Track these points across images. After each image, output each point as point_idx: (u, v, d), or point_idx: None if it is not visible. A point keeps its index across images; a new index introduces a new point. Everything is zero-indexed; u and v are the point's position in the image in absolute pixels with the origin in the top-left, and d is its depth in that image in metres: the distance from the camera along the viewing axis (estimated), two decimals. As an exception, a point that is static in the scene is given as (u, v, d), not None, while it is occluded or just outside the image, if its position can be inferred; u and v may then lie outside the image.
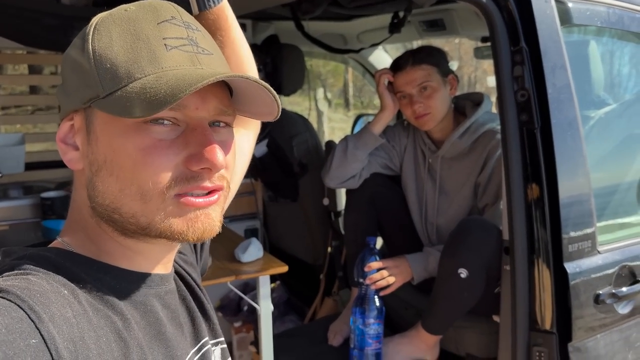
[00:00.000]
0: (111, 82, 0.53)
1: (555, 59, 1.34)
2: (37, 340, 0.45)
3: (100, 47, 0.55)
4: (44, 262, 0.54)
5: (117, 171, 0.54)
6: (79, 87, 0.56)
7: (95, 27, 0.57)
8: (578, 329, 1.36)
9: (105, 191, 0.55)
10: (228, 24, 0.79)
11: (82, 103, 0.56)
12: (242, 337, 2.24)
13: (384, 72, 1.73)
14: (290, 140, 2.28)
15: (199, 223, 0.56)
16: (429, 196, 1.80)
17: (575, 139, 1.36)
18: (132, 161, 0.53)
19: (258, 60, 2.32)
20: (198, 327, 0.69)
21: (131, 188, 0.54)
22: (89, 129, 0.57)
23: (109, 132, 0.55)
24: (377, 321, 1.64)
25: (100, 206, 0.56)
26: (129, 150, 0.53)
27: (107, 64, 0.54)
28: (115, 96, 0.53)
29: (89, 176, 0.57)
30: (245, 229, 2.49)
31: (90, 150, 0.56)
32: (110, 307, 0.55)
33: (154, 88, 0.51)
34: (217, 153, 0.55)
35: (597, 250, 1.40)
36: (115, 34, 0.55)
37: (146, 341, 0.58)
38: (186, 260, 0.76)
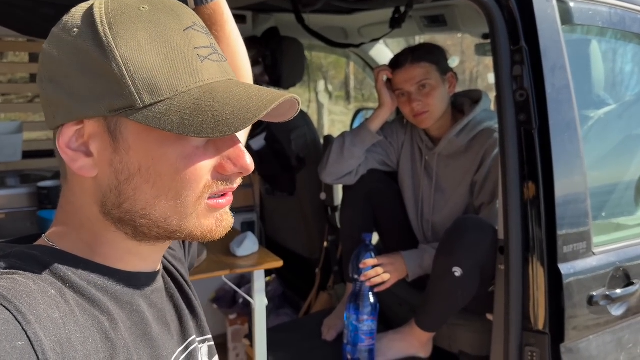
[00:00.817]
0: (150, 93, 0.52)
1: (555, 59, 1.34)
2: (23, 343, 0.44)
3: (130, 54, 0.52)
4: (31, 260, 0.53)
5: (155, 178, 0.55)
6: (101, 94, 0.52)
7: (111, 26, 0.52)
8: (571, 329, 1.36)
9: (137, 198, 0.55)
10: (224, 19, 0.79)
11: (109, 112, 0.53)
12: (236, 329, 2.25)
13: (383, 69, 1.73)
14: (288, 134, 2.27)
15: (224, 222, 0.60)
16: (425, 193, 1.80)
17: (573, 140, 1.36)
18: (175, 169, 0.54)
19: (257, 53, 2.31)
20: (185, 325, 0.69)
21: (168, 194, 0.55)
22: (116, 136, 0.54)
23: (145, 141, 0.54)
24: (370, 317, 1.64)
25: (126, 212, 0.56)
26: (171, 160, 0.54)
27: (142, 73, 0.52)
28: (160, 109, 0.52)
29: (111, 184, 0.56)
30: (242, 221, 2.49)
31: (118, 158, 0.55)
32: (97, 307, 0.55)
33: (213, 107, 0.52)
34: (246, 158, 0.58)
35: (592, 252, 1.40)
36: (143, 40, 0.53)
37: (132, 341, 0.57)
38: (175, 255, 0.76)
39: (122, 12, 0.53)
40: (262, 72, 2.32)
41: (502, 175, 1.36)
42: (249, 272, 1.65)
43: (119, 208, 0.56)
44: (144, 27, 0.53)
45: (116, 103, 0.52)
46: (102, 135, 0.55)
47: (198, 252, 1.63)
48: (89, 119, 0.54)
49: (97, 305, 0.55)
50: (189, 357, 0.68)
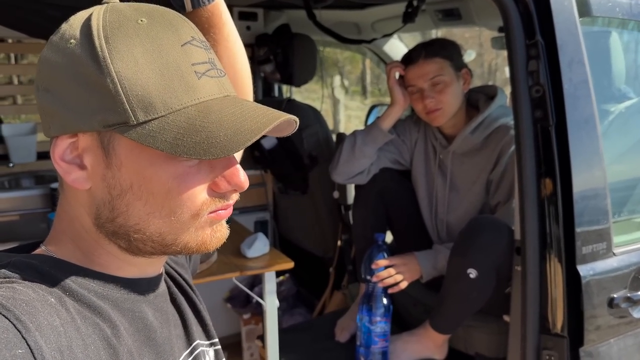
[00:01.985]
0: (144, 111, 0.51)
1: (572, 53, 1.29)
2: (23, 350, 0.44)
3: (125, 70, 0.51)
4: (29, 270, 0.53)
5: (147, 196, 0.54)
6: (96, 108, 0.52)
7: (107, 40, 0.51)
8: (590, 333, 1.32)
9: (130, 213, 0.55)
10: (222, 22, 0.77)
11: (102, 127, 0.52)
12: (250, 329, 2.24)
13: (395, 65, 1.68)
14: (300, 133, 2.25)
15: (218, 233, 0.59)
16: (439, 192, 1.76)
17: (592, 137, 1.31)
18: (166, 189, 0.54)
19: (269, 50, 2.29)
20: (190, 329, 0.69)
21: (162, 212, 0.55)
22: (108, 152, 0.54)
23: (137, 159, 0.53)
24: (384, 319, 1.61)
25: (120, 226, 0.56)
26: (162, 179, 0.54)
27: (137, 90, 0.51)
28: (153, 127, 0.51)
29: (104, 198, 0.55)
30: (255, 220, 2.48)
31: (110, 174, 0.54)
32: (98, 314, 0.55)
33: (207, 128, 0.51)
34: (242, 175, 0.57)
35: (612, 252, 1.36)
36: (139, 55, 0.51)
37: (136, 347, 0.57)
38: (177, 261, 0.75)
39: (119, 25, 0.52)
40: (274, 69, 2.30)
41: (518, 173, 1.32)
42: (259, 273, 1.63)
43: (113, 222, 0.56)
44: (141, 41, 0.52)
45: (110, 119, 0.51)
46: (96, 150, 0.54)
47: (207, 255, 1.62)
48: (83, 133, 0.54)
49: (98, 312, 0.55)
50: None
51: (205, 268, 1.57)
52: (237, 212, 2.42)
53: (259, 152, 2.35)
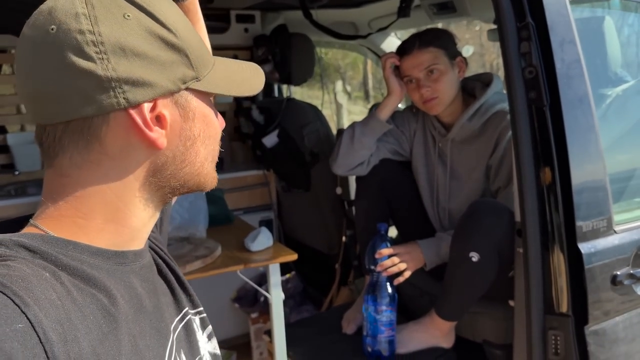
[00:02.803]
0: (204, 65, 0.61)
1: (563, 34, 1.30)
2: (23, 325, 0.45)
3: (181, 29, 0.59)
4: (20, 247, 0.53)
5: (207, 140, 0.64)
6: (176, 62, 0.58)
7: (159, 13, 0.57)
8: (595, 311, 1.32)
9: (195, 160, 0.63)
10: (196, 19, 0.84)
11: (181, 84, 0.59)
12: (259, 327, 2.24)
13: (390, 56, 1.70)
14: (301, 130, 2.27)
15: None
16: (440, 181, 1.77)
17: (587, 115, 1.32)
18: (215, 129, 0.65)
19: (267, 51, 2.31)
20: (178, 297, 0.71)
21: (213, 153, 0.66)
22: (185, 107, 0.60)
23: (202, 108, 0.63)
24: (389, 308, 1.62)
25: (185, 174, 0.63)
26: (213, 122, 0.64)
27: (196, 50, 0.60)
28: (210, 78, 0.62)
29: (176, 152, 0.61)
30: (259, 220, 2.50)
31: (186, 126, 0.61)
32: (94, 285, 0.55)
33: (235, 74, 0.66)
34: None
35: (613, 230, 1.36)
36: (179, 18, 0.60)
37: (132, 314, 0.58)
38: (156, 237, 0.77)
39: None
40: (273, 69, 2.32)
41: (515, 155, 1.32)
42: (263, 266, 1.64)
43: (179, 173, 0.62)
44: (169, 4, 0.60)
45: (187, 76, 0.59)
46: (172, 107, 0.59)
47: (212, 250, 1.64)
48: (161, 98, 0.58)
49: (93, 283, 0.55)
50: (186, 327, 0.69)
51: (209, 262, 1.59)
52: (242, 212, 2.43)
53: (260, 151, 2.37)
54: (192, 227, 1.80)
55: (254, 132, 2.37)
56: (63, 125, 0.56)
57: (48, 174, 0.60)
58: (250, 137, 2.41)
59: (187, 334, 0.68)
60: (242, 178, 2.46)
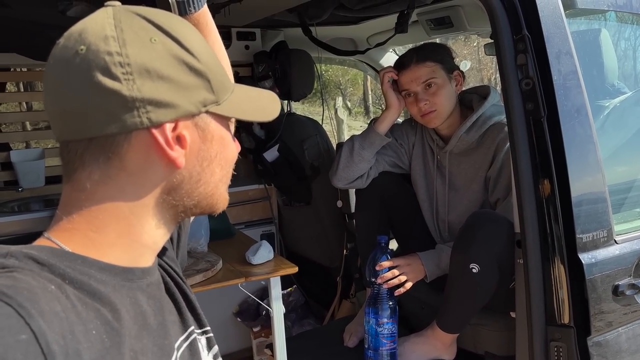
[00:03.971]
0: (224, 90, 0.63)
1: (559, 45, 1.31)
2: (27, 336, 0.45)
3: (204, 56, 0.61)
4: (28, 259, 0.54)
5: (224, 162, 0.66)
6: (198, 87, 0.60)
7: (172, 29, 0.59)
8: (597, 322, 1.31)
9: (208, 181, 0.64)
10: (208, 29, 0.83)
11: (203, 106, 0.61)
12: (261, 341, 2.24)
13: (388, 70, 1.72)
14: (301, 144, 2.28)
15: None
16: (439, 193, 1.78)
17: (585, 125, 1.33)
18: (231, 152, 0.67)
19: (267, 67, 2.34)
20: (184, 316, 0.70)
21: (228, 174, 0.68)
22: (204, 129, 0.62)
23: (220, 130, 0.64)
24: (390, 320, 1.62)
25: (199, 195, 0.64)
26: (230, 144, 0.67)
27: (217, 75, 0.62)
28: (231, 102, 0.64)
29: (193, 172, 0.63)
30: (261, 233, 2.50)
31: (205, 147, 0.63)
32: (99, 299, 0.55)
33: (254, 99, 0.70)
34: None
35: (614, 240, 1.36)
36: (201, 43, 0.63)
37: (135, 330, 0.58)
38: (168, 255, 0.77)
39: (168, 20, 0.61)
40: (273, 85, 2.34)
41: (513, 166, 1.33)
42: (265, 279, 1.64)
43: (194, 192, 0.64)
44: (190, 31, 0.63)
45: (207, 99, 0.61)
46: (192, 129, 0.61)
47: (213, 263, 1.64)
48: (182, 120, 0.60)
49: (99, 298, 0.55)
50: (191, 347, 0.69)
51: (210, 275, 1.59)
52: (243, 225, 2.44)
53: (261, 165, 2.38)
54: (193, 241, 1.81)
55: (255, 147, 2.39)
56: (86, 142, 0.58)
57: (66, 188, 0.61)
58: (251, 151, 2.43)
59: (191, 353, 0.68)
60: (243, 192, 2.47)
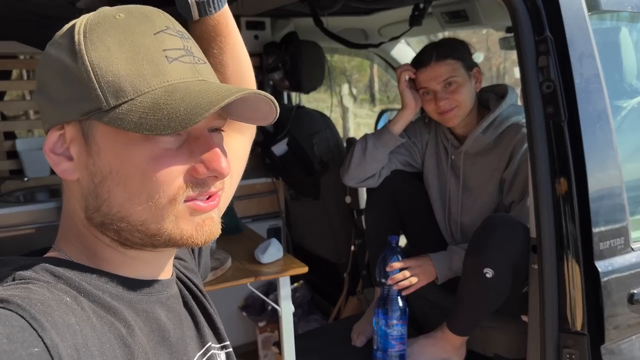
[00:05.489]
0: (115, 95, 0.53)
1: (582, 48, 1.28)
2: (39, 349, 0.44)
3: (98, 58, 0.53)
4: (44, 271, 0.54)
5: (125, 181, 0.55)
6: (73, 98, 0.54)
7: (85, 34, 0.54)
8: (611, 330, 1.30)
9: (112, 201, 0.56)
10: (228, 30, 0.79)
11: (80, 115, 0.54)
12: (266, 336, 2.23)
13: (405, 68, 1.68)
14: (310, 138, 2.25)
15: (205, 227, 0.59)
16: (452, 193, 1.75)
17: (605, 131, 1.30)
18: (141, 171, 0.54)
19: (277, 58, 2.30)
20: (202, 331, 0.69)
21: (140, 197, 0.55)
22: (88, 140, 0.56)
23: (113, 143, 0.55)
24: (400, 322, 1.60)
25: (105, 215, 0.56)
26: (137, 161, 0.54)
27: (108, 76, 0.53)
28: (123, 110, 0.53)
29: (89, 187, 0.56)
30: (268, 228, 2.49)
31: (91, 161, 0.56)
32: (113, 314, 0.55)
33: (170, 105, 0.52)
34: (222, 160, 0.57)
35: (630, 248, 1.34)
36: (112, 45, 0.54)
37: (150, 347, 0.58)
38: (186, 266, 0.76)
39: (98, 22, 0.55)
40: (282, 77, 2.31)
41: (531, 170, 1.30)
42: (274, 279, 1.63)
43: (98, 211, 0.57)
44: (115, 33, 0.55)
45: (86, 106, 0.54)
46: (79, 139, 0.56)
47: (221, 262, 1.63)
48: (67, 124, 0.56)
49: (113, 312, 0.55)
50: None
51: (220, 274, 1.57)
52: (250, 219, 2.42)
53: (269, 159, 2.36)
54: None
55: (263, 140, 2.36)
56: None
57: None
58: (259, 145, 2.40)
59: None
60: (250, 186, 2.45)
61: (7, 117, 2.43)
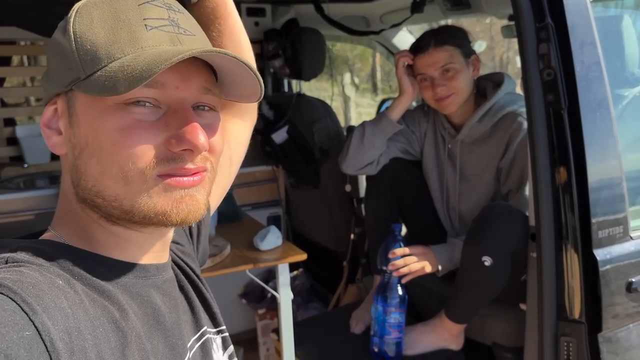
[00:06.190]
0: (91, 63, 0.53)
1: (583, 35, 1.27)
2: (31, 332, 0.44)
3: (81, 29, 0.54)
4: (37, 254, 0.53)
5: (98, 153, 0.54)
6: (61, 71, 0.56)
7: (78, 10, 0.56)
8: (609, 318, 1.30)
9: (87, 174, 0.55)
10: (227, 12, 0.79)
11: (64, 86, 0.56)
12: (266, 323, 2.24)
13: (404, 54, 1.67)
14: (310, 126, 2.25)
15: (183, 204, 0.56)
16: (450, 182, 1.75)
17: (606, 119, 1.29)
18: (111, 141, 0.53)
19: (277, 45, 2.29)
20: (197, 316, 0.69)
21: (112, 170, 0.54)
22: (71, 111, 0.56)
23: (89, 113, 0.55)
24: (398, 310, 1.60)
25: (83, 190, 0.56)
26: (108, 131, 0.53)
27: (87, 45, 0.54)
28: (95, 77, 0.52)
29: (71, 160, 0.57)
30: (267, 216, 2.49)
31: (72, 133, 0.56)
32: (107, 297, 0.55)
33: (131, 65, 0.51)
34: (198, 134, 0.54)
35: (629, 236, 1.34)
36: (96, 16, 0.55)
37: (145, 331, 0.57)
38: (183, 250, 0.75)
39: (95, 1, 0.56)
40: (283, 64, 2.30)
41: (531, 158, 1.30)
42: (273, 265, 1.63)
43: (79, 186, 0.56)
44: (102, 6, 0.55)
45: (69, 77, 0.55)
46: (65, 112, 0.57)
47: (220, 248, 1.63)
48: (58, 97, 0.57)
49: (107, 296, 0.55)
50: (203, 346, 0.68)
51: (218, 261, 1.58)
52: (250, 207, 2.42)
53: (270, 147, 2.36)
54: (200, 224, 1.79)
55: (263, 128, 2.35)
56: None
57: None
58: (259, 132, 2.40)
59: (203, 354, 0.67)
60: (250, 174, 2.45)
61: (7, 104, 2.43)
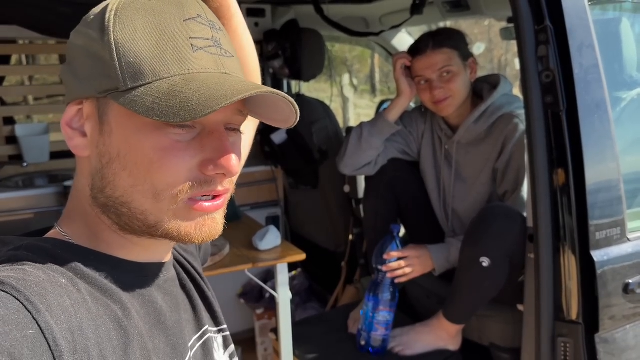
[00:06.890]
0: (134, 77, 0.52)
1: (582, 38, 1.28)
2: (34, 331, 0.45)
3: (123, 38, 0.53)
4: (41, 252, 0.54)
5: (132, 167, 0.54)
6: (95, 75, 0.54)
7: (117, 13, 0.54)
8: (606, 319, 1.31)
9: (116, 184, 0.55)
10: (231, 13, 0.79)
11: (98, 92, 0.54)
12: (264, 323, 2.24)
13: (402, 56, 1.68)
14: (310, 127, 2.26)
15: (206, 227, 0.57)
16: (446, 183, 1.76)
17: (604, 121, 1.30)
18: (149, 160, 0.53)
19: (277, 46, 2.29)
20: (199, 315, 0.69)
21: (144, 186, 0.54)
22: (102, 119, 0.55)
23: (125, 126, 0.54)
24: (387, 309, 1.61)
25: (108, 197, 0.56)
26: (145, 149, 0.53)
27: (130, 57, 0.52)
28: (138, 93, 0.52)
29: (97, 166, 0.56)
30: (266, 216, 2.49)
31: (102, 141, 0.55)
32: (110, 296, 0.55)
33: (184, 93, 0.51)
34: (232, 159, 0.55)
35: (626, 238, 1.34)
36: (140, 26, 0.53)
37: (146, 330, 0.58)
38: (186, 249, 0.76)
39: (131, 2, 0.55)
40: (282, 65, 2.31)
41: (529, 160, 1.31)
42: (271, 265, 1.63)
43: (102, 192, 0.56)
44: (145, 15, 0.54)
45: (105, 84, 0.53)
46: (94, 117, 0.56)
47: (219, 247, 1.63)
48: (86, 100, 0.56)
49: (110, 294, 0.55)
50: (204, 346, 0.68)
51: (217, 260, 1.58)
52: (249, 207, 2.43)
53: (269, 147, 2.36)
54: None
55: (263, 128, 2.36)
56: None
57: None
58: (259, 133, 2.40)
59: (205, 353, 0.67)
60: (249, 174, 2.45)
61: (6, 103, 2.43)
